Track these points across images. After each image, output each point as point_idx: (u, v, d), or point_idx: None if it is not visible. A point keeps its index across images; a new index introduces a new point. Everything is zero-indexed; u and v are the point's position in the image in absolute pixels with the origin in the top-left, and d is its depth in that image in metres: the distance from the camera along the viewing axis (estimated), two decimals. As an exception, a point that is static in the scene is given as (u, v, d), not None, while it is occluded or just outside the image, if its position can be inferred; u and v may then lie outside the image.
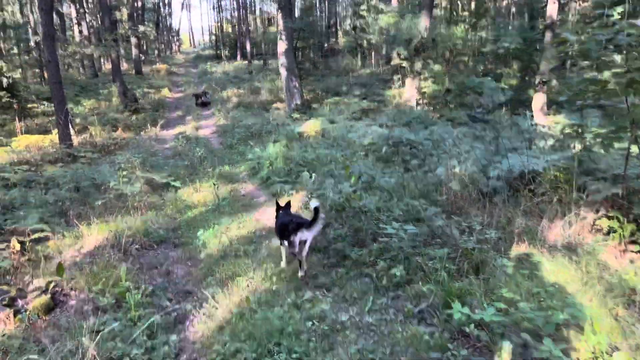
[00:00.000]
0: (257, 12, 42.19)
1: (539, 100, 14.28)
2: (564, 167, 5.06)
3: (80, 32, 25.42)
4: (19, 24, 23.84)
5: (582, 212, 4.40)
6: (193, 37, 71.48)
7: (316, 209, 4.19)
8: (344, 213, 5.28)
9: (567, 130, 4.92)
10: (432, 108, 15.35)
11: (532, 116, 13.85)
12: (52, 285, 3.96)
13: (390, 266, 4.22)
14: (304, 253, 4.35)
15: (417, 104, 16.26)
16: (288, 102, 17.33)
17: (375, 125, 12.19)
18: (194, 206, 7.37)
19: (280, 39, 16.89)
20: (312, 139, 11.12)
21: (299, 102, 17.11)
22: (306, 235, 4.27)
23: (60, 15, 27.99)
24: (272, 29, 34.59)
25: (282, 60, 17.17)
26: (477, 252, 4.11)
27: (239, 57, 35.61)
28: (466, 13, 19.40)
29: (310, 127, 11.94)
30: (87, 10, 27.54)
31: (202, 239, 5.55)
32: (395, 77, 20.34)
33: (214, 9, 50.50)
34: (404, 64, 19.34)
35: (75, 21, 26.28)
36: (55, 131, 12.10)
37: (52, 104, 10.81)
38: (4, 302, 3.80)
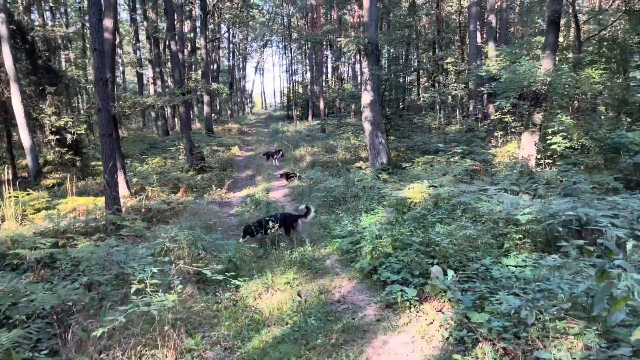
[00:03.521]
0: (330, 70, 41.39)
1: None
2: None
3: (155, 90, 25.20)
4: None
5: None
6: (265, 99, 72.93)
7: (307, 207, 8.09)
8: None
9: None
10: (561, 169, 11.86)
11: None
12: None
13: None
14: (299, 230, 7.94)
15: (537, 164, 12.88)
16: (372, 161, 14.69)
17: (502, 191, 9.06)
18: (263, 322, 4.54)
19: (365, 89, 14.59)
20: (421, 208, 8.12)
21: (384, 160, 14.44)
22: (301, 223, 7.95)
23: (140, 76, 28.35)
24: (346, 86, 33.22)
25: (366, 113, 14.77)
26: None
27: (310, 117, 34.40)
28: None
29: (416, 192, 8.95)
30: (164, 70, 27.61)
31: None
32: (497, 134, 17.22)
33: (286, 71, 50.81)
34: (507, 117, 16.43)
35: (151, 80, 26.23)
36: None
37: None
38: None
